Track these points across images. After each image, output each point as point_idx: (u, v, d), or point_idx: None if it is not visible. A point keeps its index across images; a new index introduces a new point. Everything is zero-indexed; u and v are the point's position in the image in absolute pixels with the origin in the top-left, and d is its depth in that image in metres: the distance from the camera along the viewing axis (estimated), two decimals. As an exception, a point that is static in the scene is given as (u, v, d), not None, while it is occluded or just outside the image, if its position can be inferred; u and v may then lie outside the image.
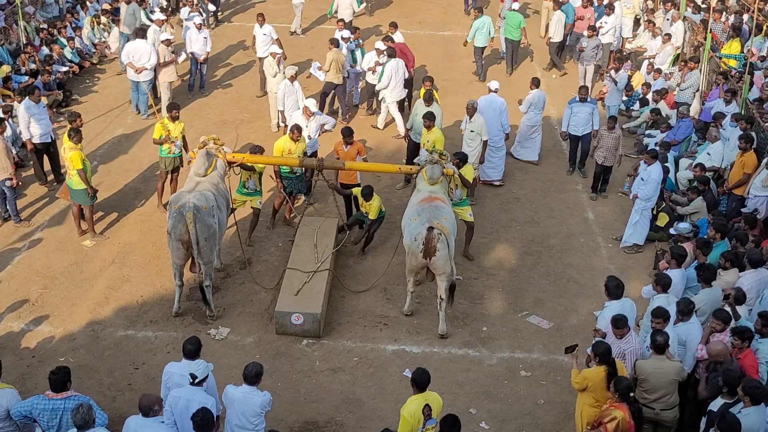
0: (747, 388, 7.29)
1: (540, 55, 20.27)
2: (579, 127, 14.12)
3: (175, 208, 10.08)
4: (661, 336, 7.97)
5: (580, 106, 14.07)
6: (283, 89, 14.36)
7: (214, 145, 11.10)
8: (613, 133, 13.38)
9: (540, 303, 11.19)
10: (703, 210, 12.15)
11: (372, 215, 11.74)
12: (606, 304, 8.93)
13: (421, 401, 7.34)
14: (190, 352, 7.75)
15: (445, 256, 10.05)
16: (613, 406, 7.43)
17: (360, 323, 10.64)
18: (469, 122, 13.25)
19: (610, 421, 7.34)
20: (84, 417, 6.80)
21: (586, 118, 14.02)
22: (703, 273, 9.19)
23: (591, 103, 14.12)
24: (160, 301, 10.89)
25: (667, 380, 7.93)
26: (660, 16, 20.19)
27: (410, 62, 16.06)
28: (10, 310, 10.62)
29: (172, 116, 12.49)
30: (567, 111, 14.23)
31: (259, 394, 7.47)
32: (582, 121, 14.05)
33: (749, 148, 11.93)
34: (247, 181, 11.71)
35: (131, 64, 15.83)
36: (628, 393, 7.46)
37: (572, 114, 14.11)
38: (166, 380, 7.83)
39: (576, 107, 14.09)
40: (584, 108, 14.02)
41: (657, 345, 7.95)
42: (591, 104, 14.09)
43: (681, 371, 8.05)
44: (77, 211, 12.13)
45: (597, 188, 13.91)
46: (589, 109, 14.02)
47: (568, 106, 14.19)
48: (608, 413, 7.40)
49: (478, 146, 13.15)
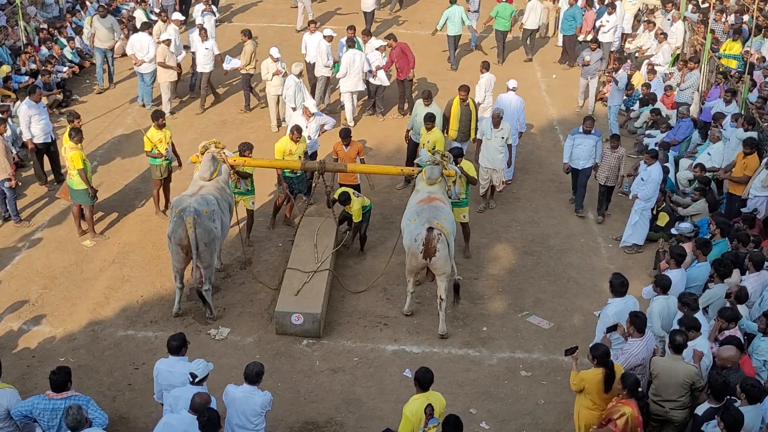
0: (744, 386, 7.30)
1: (541, 51, 20.29)
2: (580, 160, 13.01)
3: (176, 212, 10.05)
4: (680, 336, 7.92)
5: (583, 138, 12.92)
6: (294, 86, 14.45)
7: (216, 149, 11.06)
8: (615, 152, 12.69)
9: (540, 303, 11.19)
10: (705, 211, 12.16)
11: (355, 218, 11.70)
12: (609, 301, 8.94)
13: (423, 400, 7.35)
14: (173, 348, 7.88)
15: (445, 257, 10.05)
16: (621, 402, 7.41)
17: (360, 323, 10.64)
18: (496, 130, 12.90)
19: (620, 417, 7.33)
20: (75, 418, 6.82)
21: (588, 151, 12.91)
22: (722, 269, 9.24)
23: (595, 135, 12.93)
24: (160, 301, 10.89)
25: (677, 381, 7.84)
26: (660, 17, 20.19)
27: (410, 64, 16.05)
28: (10, 310, 10.62)
29: (158, 124, 12.22)
30: (569, 142, 13.10)
31: (260, 394, 7.48)
32: (584, 154, 12.94)
33: (754, 152, 11.91)
34: (238, 181, 11.61)
35: (134, 56, 16.10)
36: (636, 388, 7.45)
37: (574, 146, 12.99)
38: (156, 376, 7.95)
39: (579, 139, 12.96)
40: (587, 140, 12.90)
41: (675, 345, 7.90)
42: (595, 136, 12.92)
43: (693, 375, 7.86)
44: (77, 211, 12.12)
45: (603, 211, 13.27)
46: (593, 142, 12.89)
47: (570, 137, 13.09)
48: (617, 410, 7.38)
49: (506, 152, 13.04)
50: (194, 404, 7.05)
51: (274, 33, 21.06)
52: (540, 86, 18.53)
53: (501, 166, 13.09)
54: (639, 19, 21.03)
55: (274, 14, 22.81)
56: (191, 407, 7.06)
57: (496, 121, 12.87)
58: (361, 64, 15.76)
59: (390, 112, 16.77)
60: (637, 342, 8.19)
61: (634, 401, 7.42)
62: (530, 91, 17.74)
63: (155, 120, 12.28)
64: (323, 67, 16.03)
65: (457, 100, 13.59)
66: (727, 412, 6.95)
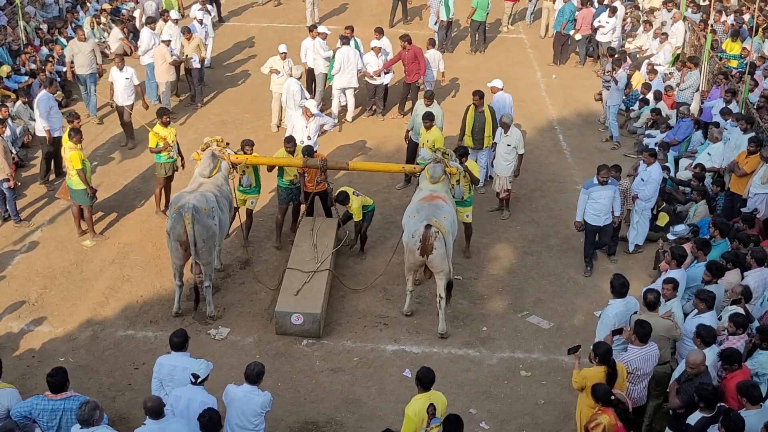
0: (741, 389, 7.29)
1: (541, 51, 20.31)
2: (600, 216, 11.34)
3: (175, 209, 10.09)
4: (651, 294, 8.57)
5: (599, 191, 11.26)
6: (298, 90, 14.52)
7: (218, 147, 11.09)
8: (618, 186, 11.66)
9: (540, 303, 11.19)
10: (705, 212, 12.16)
11: (356, 217, 11.69)
12: (610, 303, 8.93)
13: (425, 400, 7.35)
14: (176, 345, 7.86)
15: (442, 255, 10.05)
16: (600, 410, 7.42)
17: (360, 323, 10.64)
18: (505, 136, 12.77)
19: (596, 427, 7.33)
20: (87, 414, 6.81)
21: (608, 204, 11.32)
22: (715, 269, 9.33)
23: (612, 185, 11.34)
24: (160, 301, 10.89)
25: (656, 335, 8.23)
26: (660, 16, 20.19)
27: (421, 71, 15.92)
28: (10, 311, 10.62)
29: (163, 121, 12.26)
30: (582, 197, 11.41)
31: (260, 394, 7.48)
32: (603, 208, 11.29)
33: (757, 151, 11.92)
34: (241, 177, 11.58)
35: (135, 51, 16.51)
36: (609, 397, 7.44)
37: (589, 200, 11.36)
38: (158, 371, 7.91)
39: (595, 192, 11.28)
40: (605, 192, 11.27)
41: (647, 302, 8.55)
42: (612, 186, 11.33)
43: (671, 329, 8.47)
44: (77, 211, 12.12)
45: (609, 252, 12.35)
46: (611, 193, 11.29)
47: (584, 192, 11.41)
48: (594, 419, 7.39)
49: (513, 159, 12.84)
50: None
51: (274, 33, 21.07)
52: (540, 86, 18.53)
53: (504, 173, 12.85)
54: (638, 19, 21.05)
55: (274, 14, 22.83)
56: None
57: (506, 127, 12.74)
58: (356, 61, 15.77)
59: (390, 112, 16.76)
60: (636, 350, 8.17)
61: (612, 409, 7.40)
62: (530, 91, 17.76)
63: (160, 117, 12.34)
64: (322, 61, 16.02)
65: (472, 108, 13.38)
66: (728, 418, 6.90)
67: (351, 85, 15.96)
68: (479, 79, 18.16)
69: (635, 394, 8.26)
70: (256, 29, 21.56)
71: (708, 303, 8.60)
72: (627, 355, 8.18)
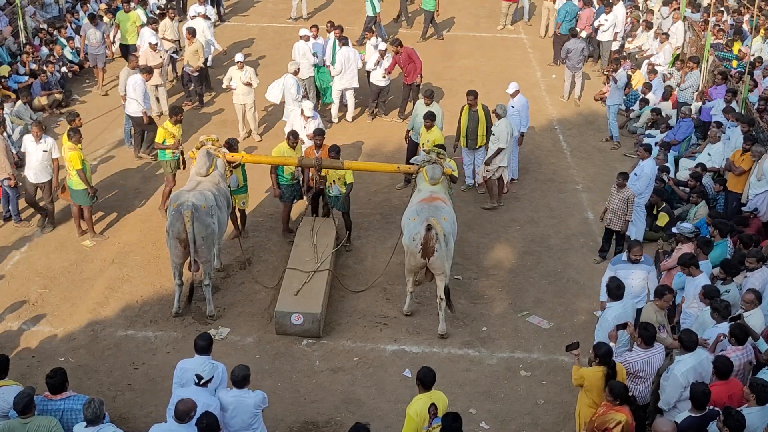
0: (754, 386, 7.25)
1: (541, 51, 20.32)
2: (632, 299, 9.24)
3: (174, 207, 10.13)
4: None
5: (629, 270, 9.49)
6: (295, 85, 14.47)
7: (212, 146, 11.11)
8: (621, 193, 11.30)
9: (540, 303, 11.19)
10: (706, 213, 12.14)
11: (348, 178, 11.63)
12: (608, 306, 8.91)
13: (426, 400, 7.35)
14: (201, 348, 7.70)
15: (443, 257, 10.05)
16: (614, 410, 7.39)
17: (360, 323, 10.64)
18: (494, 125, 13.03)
19: (616, 426, 7.30)
20: (95, 412, 6.82)
21: (641, 285, 9.51)
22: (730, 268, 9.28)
23: (646, 263, 9.65)
24: (160, 301, 10.89)
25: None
26: (660, 17, 20.19)
27: (418, 69, 15.91)
28: (10, 310, 10.62)
29: (176, 119, 12.50)
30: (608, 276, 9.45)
31: (251, 395, 7.45)
32: (635, 289, 9.39)
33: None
34: (228, 178, 11.49)
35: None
36: (626, 394, 7.44)
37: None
38: (180, 376, 7.74)
39: (623, 271, 9.45)
40: (636, 272, 9.51)
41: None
42: (646, 265, 9.63)
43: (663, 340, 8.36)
44: (77, 211, 12.12)
45: (606, 249, 11.98)
46: (644, 274, 9.55)
47: (611, 268, 9.74)
48: (612, 418, 7.33)
49: (493, 149, 12.96)
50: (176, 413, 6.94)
51: (274, 33, 21.07)
52: (540, 86, 18.54)
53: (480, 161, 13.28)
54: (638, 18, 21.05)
55: (274, 14, 22.81)
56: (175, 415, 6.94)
57: (496, 116, 13.04)
58: (356, 62, 15.79)
59: (390, 113, 16.74)
60: (641, 352, 8.14)
61: (627, 408, 7.40)
62: (530, 91, 17.72)
63: (173, 115, 12.57)
64: (309, 66, 15.79)
65: (466, 108, 13.40)
66: (730, 417, 6.88)
67: (352, 85, 15.96)
68: (479, 79, 18.24)
69: (637, 393, 8.24)
70: (256, 29, 21.55)
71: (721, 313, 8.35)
72: (630, 356, 8.16)
